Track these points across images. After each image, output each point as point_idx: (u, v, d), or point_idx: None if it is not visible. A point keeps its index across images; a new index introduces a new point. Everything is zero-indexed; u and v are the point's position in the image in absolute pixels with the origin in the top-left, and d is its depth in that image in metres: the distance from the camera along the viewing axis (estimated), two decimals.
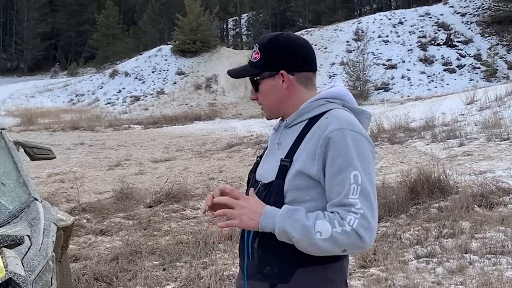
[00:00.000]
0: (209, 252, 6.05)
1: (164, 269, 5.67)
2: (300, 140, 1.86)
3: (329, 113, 1.86)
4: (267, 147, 2.08)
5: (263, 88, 1.95)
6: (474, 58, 37.91)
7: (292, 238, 1.74)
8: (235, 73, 2.01)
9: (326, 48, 42.67)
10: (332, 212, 1.75)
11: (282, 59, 1.91)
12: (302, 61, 1.94)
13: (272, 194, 1.85)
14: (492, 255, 5.24)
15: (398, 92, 34.72)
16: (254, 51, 1.96)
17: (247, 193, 1.97)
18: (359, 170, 1.75)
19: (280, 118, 2.01)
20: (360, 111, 1.96)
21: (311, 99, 1.92)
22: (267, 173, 1.92)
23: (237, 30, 74.15)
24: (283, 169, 1.84)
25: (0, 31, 77.87)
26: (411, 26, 42.83)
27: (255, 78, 1.95)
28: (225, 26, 74.98)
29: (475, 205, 6.94)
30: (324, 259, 1.80)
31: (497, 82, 32.82)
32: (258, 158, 2.07)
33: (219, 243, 6.35)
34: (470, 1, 45.57)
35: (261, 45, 1.95)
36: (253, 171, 2.04)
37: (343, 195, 1.74)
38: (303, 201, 1.80)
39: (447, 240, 5.82)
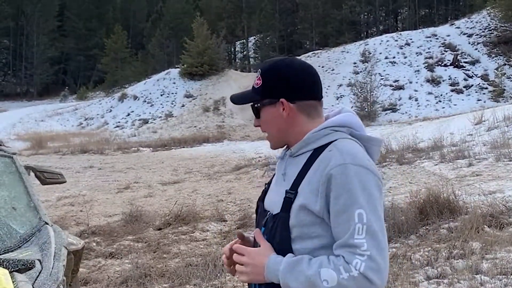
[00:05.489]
0: (218, 275, 6.04)
1: None
2: (304, 171, 1.79)
3: (332, 145, 1.78)
4: (274, 174, 2.01)
5: (264, 115, 1.89)
6: (481, 78, 37.88)
7: None
8: (236, 99, 1.97)
9: (333, 69, 42.85)
10: (337, 256, 1.67)
11: (283, 87, 1.83)
12: (305, 89, 1.85)
13: (278, 227, 1.79)
14: (503, 276, 5.20)
15: (406, 112, 34.71)
16: (257, 77, 1.89)
17: (257, 222, 1.95)
18: (364, 208, 1.66)
19: (286, 146, 1.93)
20: (369, 139, 1.86)
21: (315, 129, 1.83)
22: (273, 204, 1.86)
23: (244, 53, 74.55)
24: (288, 202, 1.77)
25: (10, 56, 78.83)
26: (418, 47, 42.94)
27: (256, 105, 1.90)
28: (232, 49, 75.43)
29: (485, 226, 6.90)
30: None
31: (504, 102, 32.76)
32: (266, 186, 2.01)
33: None
34: (477, 22, 45.70)
35: (263, 71, 1.88)
36: (261, 199, 1.98)
37: (348, 236, 1.66)
38: (309, 237, 1.74)
39: (458, 261, 5.79)
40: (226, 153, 23.12)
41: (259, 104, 1.89)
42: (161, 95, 45.85)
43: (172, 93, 45.94)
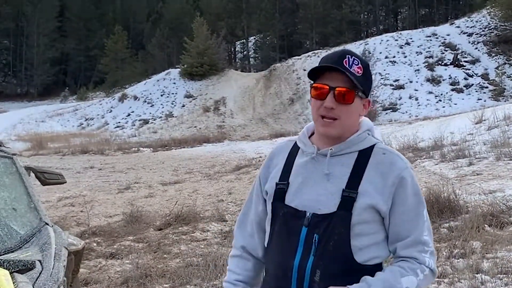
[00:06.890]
0: (219, 275, 6.03)
1: None
2: (358, 172, 1.85)
3: (382, 149, 1.91)
4: (285, 172, 1.95)
5: (354, 104, 1.87)
6: (481, 77, 37.88)
7: None
8: (349, 74, 1.83)
9: None
10: (407, 260, 1.84)
11: (370, 88, 1.95)
12: None
13: (336, 225, 1.81)
14: (504, 275, 5.20)
15: (406, 112, 34.71)
16: (355, 64, 1.85)
17: (285, 224, 1.89)
18: (426, 208, 1.89)
19: (310, 145, 1.94)
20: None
21: (359, 132, 1.92)
22: (318, 203, 1.85)
23: (244, 52, 74.56)
24: (349, 201, 1.81)
25: (10, 57, 78.88)
26: (418, 47, 42.92)
27: (358, 93, 1.87)
28: (232, 49, 75.40)
29: (486, 225, 6.89)
30: None
31: (505, 101, 32.74)
32: (281, 185, 1.93)
33: None
34: (477, 21, 45.69)
35: (364, 64, 1.88)
36: (279, 199, 1.92)
37: (419, 233, 1.85)
38: (367, 234, 1.84)
39: (458, 260, 5.79)
40: (226, 153, 23.12)
41: (356, 91, 1.86)
42: (161, 95, 45.87)
43: (172, 93, 45.96)
